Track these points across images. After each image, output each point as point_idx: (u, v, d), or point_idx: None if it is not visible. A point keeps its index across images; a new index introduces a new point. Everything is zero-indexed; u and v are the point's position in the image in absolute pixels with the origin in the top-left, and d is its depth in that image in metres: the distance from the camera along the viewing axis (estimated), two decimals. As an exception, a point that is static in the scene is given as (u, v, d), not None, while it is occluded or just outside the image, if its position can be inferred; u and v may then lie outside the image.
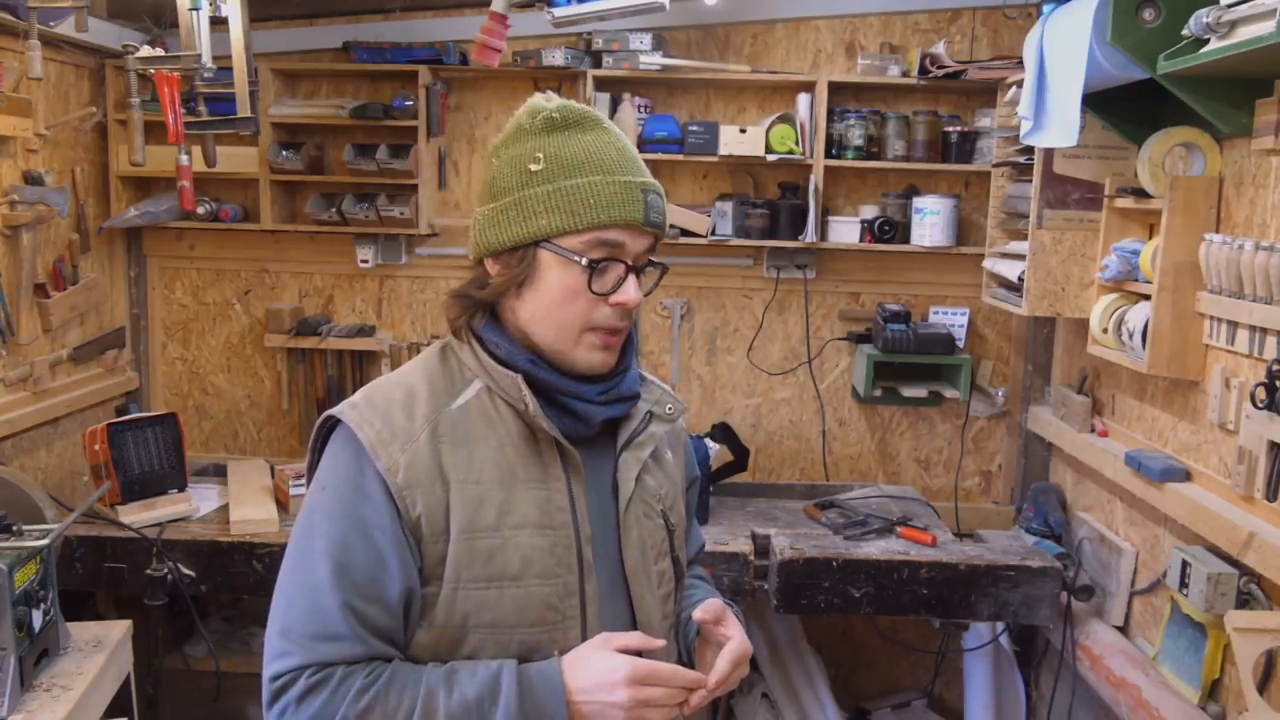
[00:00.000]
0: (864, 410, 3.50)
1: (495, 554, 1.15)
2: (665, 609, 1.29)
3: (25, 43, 2.49)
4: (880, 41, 3.29)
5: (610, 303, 1.17)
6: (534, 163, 1.17)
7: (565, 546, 1.19)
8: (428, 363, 1.25)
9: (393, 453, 1.15)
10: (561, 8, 2.87)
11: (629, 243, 1.17)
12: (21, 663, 1.86)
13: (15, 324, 2.83)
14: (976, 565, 2.57)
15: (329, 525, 1.14)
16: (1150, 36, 2.06)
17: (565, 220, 1.15)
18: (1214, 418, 2.18)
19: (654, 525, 1.28)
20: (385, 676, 1.10)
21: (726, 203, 3.29)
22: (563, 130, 1.18)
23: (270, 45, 3.32)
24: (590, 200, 1.15)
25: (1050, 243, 2.65)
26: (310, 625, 1.11)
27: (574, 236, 1.16)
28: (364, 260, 3.46)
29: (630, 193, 1.16)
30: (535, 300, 1.19)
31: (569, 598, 1.18)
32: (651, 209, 1.18)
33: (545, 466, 1.20)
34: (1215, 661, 2.15)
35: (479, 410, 1.20)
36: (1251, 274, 1.96)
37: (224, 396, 3.60)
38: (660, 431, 1.30)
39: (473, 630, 1.15)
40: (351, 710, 1.08)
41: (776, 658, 3.18)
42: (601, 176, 1.16)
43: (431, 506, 1.14)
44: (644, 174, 1.20)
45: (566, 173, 1.16)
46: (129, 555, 2.61)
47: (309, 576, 1.13)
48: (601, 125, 1.20)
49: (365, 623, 1.11)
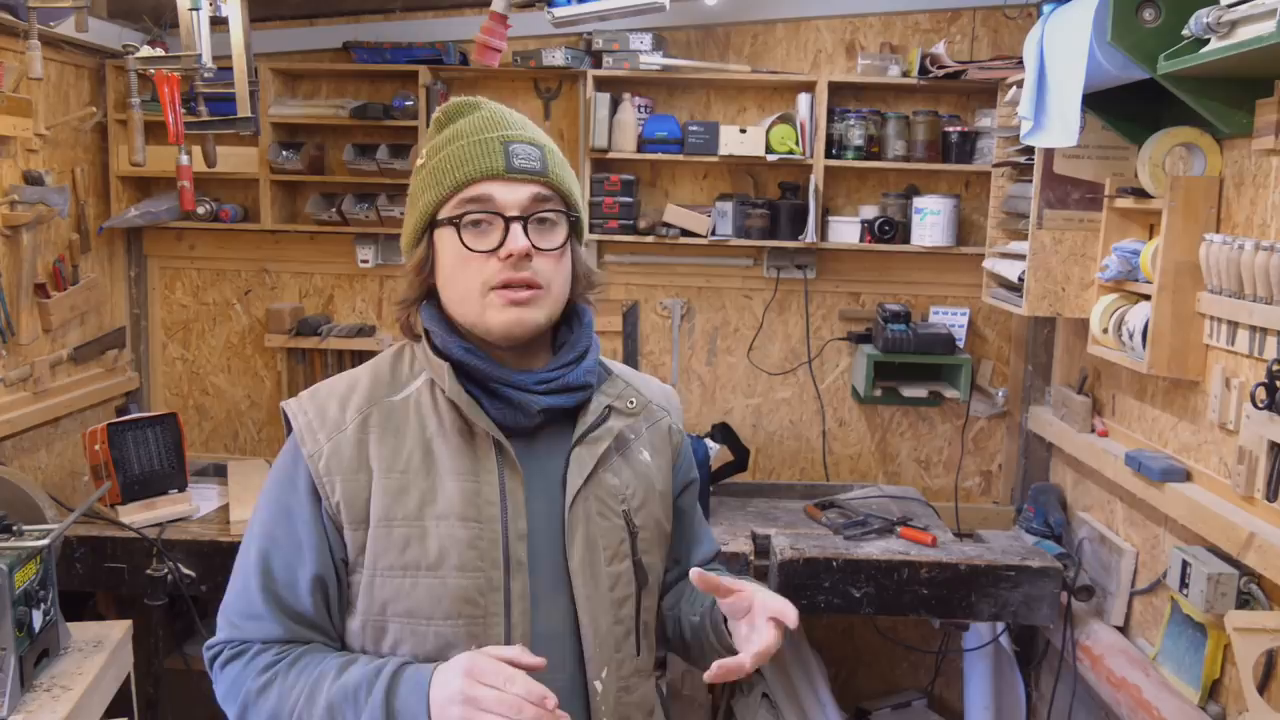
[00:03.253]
0: (864, 410, 3.50)
1: (411, 542, 1.16)
2: (619, 614, 1.23)
3: (25, 43, 2.49)
4: (880, 41, 3.29)
5: (499, 257, 1.17)
6: (420, 159, 1.24)
7: (490, 541, 1.17)
8: (380, 360, 1.29)
9: (319, 440, 1.19)
10: (561, 8, 2.87)
11: (497, 194, 1.17)
12: (21, 663, 1.86)
13: (15, 324, 2.83)
14: (976, 565, 2.57)
15: (263, 513, 1.23)
16: (1150, 36, 2.06)
17: (435, 193, 1.19)
18: (1214, 418, 2.18)
19: (610, 525, 1.24)
20: (291, 657, 1.18)
21: (726, 203, 3.29)
22: (446, 125, 1.24)
23: (270, 45, 3.32)
24: (448, 166, 1.19)
25: (1050, 243, 2.65)
26: (238, 605, 1.22)
27: (447, 205, 1.19)
28: (364, 260, 3.46)
29: (486, 145, 1.18)
30: (443, 280, 1.22)
31: (491, 593, 1.16)
32: (515, 156, 1.18)
33: (478, 458, 1.19)
34: (1215, 661, 2.15)
35: (419, 402, 1.22)
36: (1252, 274, 1.96)
37: (224, 396, 3.60)
38: (620, 425, 1.27)
39: (392, 619, 1.17)
40: (254, 684, 1.17)
41: (777, 658, 3.18)
42: (463, 141, 1.19)
43: (352, 494, 1.17)
44: (510, 128, 1.21)
45: (436, 153, 1.21)
46: (129, 555, 2.61)
47: (244, 560, 1.23)
48: (479, 106, 1.24)
49: (282, 606, 1.19)
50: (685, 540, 1.43)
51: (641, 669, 1.28)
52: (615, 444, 1.27)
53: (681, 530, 1.41)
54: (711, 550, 1.48)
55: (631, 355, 3.38)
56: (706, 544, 1.47)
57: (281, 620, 1.19)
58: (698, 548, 1.45)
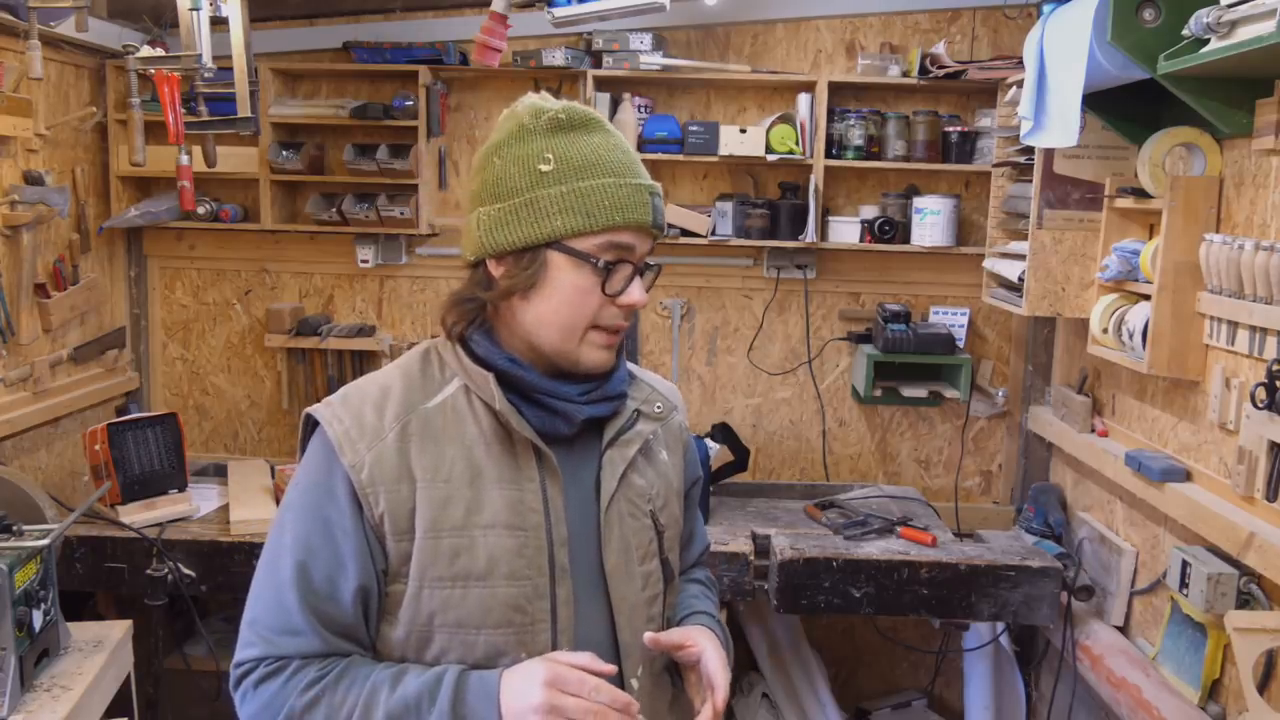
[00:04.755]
0: (864, 410, 3.50)
1: (460, 553, 1.15)
2: (651, 611, 1.26)
3: (25, 43, 2.49)
4: (880, 41, 3.29)
5: (618, 304, 1.18)
6: (544, 163, 1.16)
7: (536, 548, 1.17)
8: (408, 362, 1.26)
9: (359, 450, 1.16)
10: (561, 8, 2.87)
11: (638, 245, 1.19)
12: (21, 663, 1.86)
13: (15, 324, 2.83)
14: (977, 565, 2.57)
15: (297, 523, 1.18)
16: (1150, 36, 2.06)
17: (581, 221, 1.15)
18: (1214, 418, 2.18)
19: (640, 525, 1.26)
20: (336, 672, 1.14)
21: (727, 203, 3.29)
22: (569, 131, 1.18)
23: (270, 45, 3.32)
24: (605, 202, 1.16)
25: (1050, 243, 2.65)
26: (273, 619, 1.16)
27: (588, 238, 1.16)
28: (364, 260, 3.46)
29: (640, 195, 1.18)
30: (543, 301, 1.18)
31: (538, 600, 1.17)
32: (657, 212, 1.20)
33: (519, 467, 1.19)
34: (1215, 661, 2.15)
35: (455, 409, 1.21)
36: (1252, 274, 1.96)
37: (224, 396, 3.60)
38: (648, 430, 1.29)
39: (439, 630, 1.16)
40: (299, 702, 1.12)
41: (776, 658, 3.18)
42: (613, 179, 1.17)
43: (396, 505, 1.15)
44: (647, 176, 1.22)
45: (578, 174, 1.16)
46: (129, 555, 2.61)
47: (276, 573, 1.17)
48: (605, 127, 1.21)
49: (323, 619, 1.15)
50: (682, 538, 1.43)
51: (668, 665, 1.31)
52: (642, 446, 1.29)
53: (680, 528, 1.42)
54: (702, 547, 1.51)
55: (631, 355, 3.38)
56: (699, 542, 1.50)
57: (322, 634, 1.15)
58: (691, 546, 1.47)
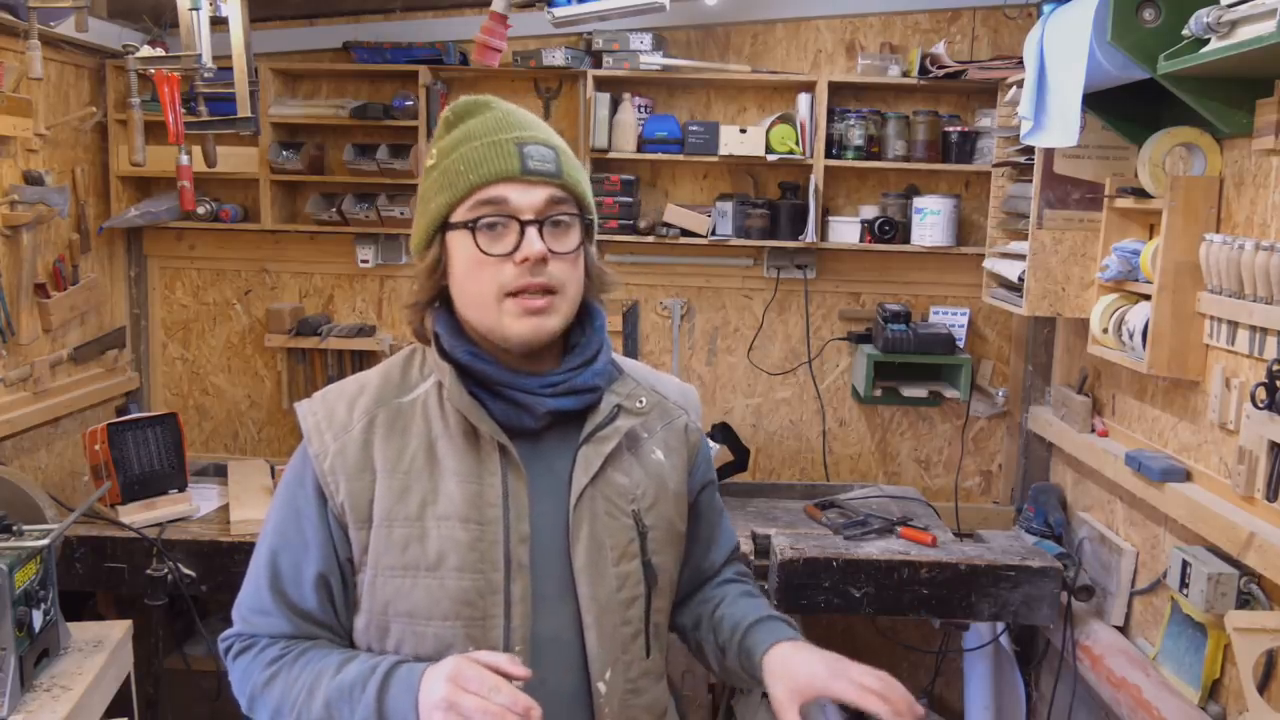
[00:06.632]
0: (864, 410, 3.50)
1: (410, 543, 1.17)
2: (628, 614, 1.22)
3: (25, 43, 2.49)
4: (880, 41, 3.29)
5: (515, 261, 1.15)
6: (429, 159, 1.23)
7: (491, 542, 1.16)
8: (392, 361, 1.29)
9: (325, 440, 1.20)
10: (561, 8, 2.87)
11: (513, 196, 1.15)
12: (21, 663, 1.85)
13: (15, 324, 2.83)
14: (977, 565, 2.57)
15: (275, 512, 1.25)
16: (1150, 36, 2.06)
17: (448, 195, 1.17)
18: (1214, 418, 2.17)
19: (618, 525, 1.22)
20: (295, 652, 1.21)
21: (726, 203, 3.29)
22: (456, 124, 1.22)
23: (270, 45, 3.32)
24: (462, 167, 1.17)
25: (1050, 243, 2.65)
26: (249, 600, 1.25)
27: (460, 207, 1.17)
28: (364, 260, 3.46)
29: (500, 147, 1.17)
30: (455, 285, 1.20)
31: (491, 595, 1.16)
32: (529, 158, 1.16)
33: (481, 461, 1.19)
34: (1215, 661, 2.15)
35: (426, 405, 1.22)
36: (1252, 274, 1.96)
37: (224, 396, 3.60)
38: (627, 425, 1.26)
39: (394, 619, 1.18)
40: (260, 676, 1.21)
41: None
42: (475, 143, 1.18)
43: (356, 494, 1.18)
44: (523, 129, 1.20)
45: (447, 154, 1.19)
46: (129, 555, 2.60)
47: (256, 558, 1.25)
48: (490, 106, 1.22)
49: (288, 603, 1.22)
50: (702, 542, 1.41)
51: (652, 671, 1.26)
52: (626, 443, 1.26)
53: (698, 532, 1.39)
54: (730, 546, 1.46)
55: (631, 355, 3.37)
56: (724, 542, 1.45)
57: (288, 616, 1.21)
58: (715, 548, 1.43)
